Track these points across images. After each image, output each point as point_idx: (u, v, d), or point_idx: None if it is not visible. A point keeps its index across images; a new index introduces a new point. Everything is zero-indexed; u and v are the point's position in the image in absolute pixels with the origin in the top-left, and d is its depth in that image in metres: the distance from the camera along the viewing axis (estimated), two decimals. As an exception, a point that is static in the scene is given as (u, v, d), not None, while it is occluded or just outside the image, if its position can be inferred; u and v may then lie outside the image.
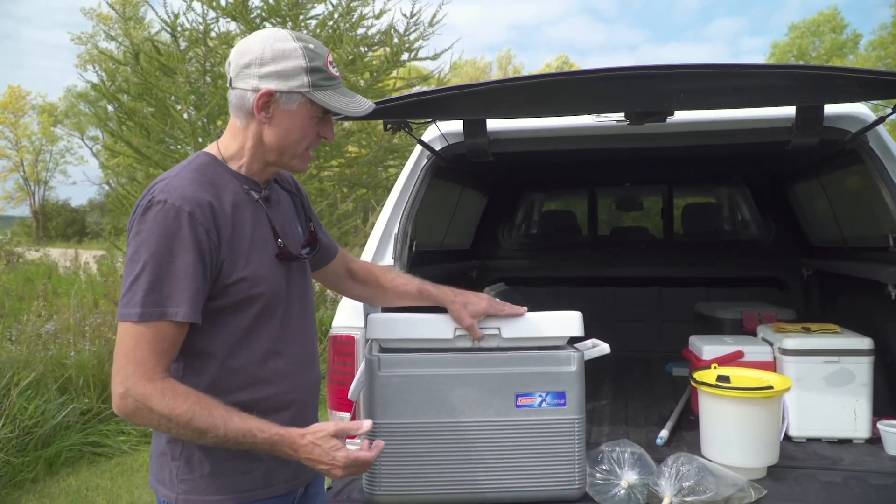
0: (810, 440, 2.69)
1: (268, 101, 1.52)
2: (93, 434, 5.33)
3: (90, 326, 6.07)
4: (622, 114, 2.58)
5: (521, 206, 5.11)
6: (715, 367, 2.51)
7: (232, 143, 1.59)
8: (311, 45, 1.54)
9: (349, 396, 2.16)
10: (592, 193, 5.11)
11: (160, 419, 1.42)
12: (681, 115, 2.72)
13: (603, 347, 2.19)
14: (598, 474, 2.08)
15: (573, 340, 2.15)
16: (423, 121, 2.93)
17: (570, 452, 2.05)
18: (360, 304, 2.60)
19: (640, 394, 3.48)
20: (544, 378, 2.04)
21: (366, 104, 1.61)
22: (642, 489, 2.04)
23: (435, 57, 8.99)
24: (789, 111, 2.63)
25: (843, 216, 3.49)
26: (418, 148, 2.96)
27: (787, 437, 2.70)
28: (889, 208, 2.50)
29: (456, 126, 2.88)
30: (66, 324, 6.17)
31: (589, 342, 2.40)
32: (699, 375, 2.41)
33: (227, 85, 1.58)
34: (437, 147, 2.94)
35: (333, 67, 1.57)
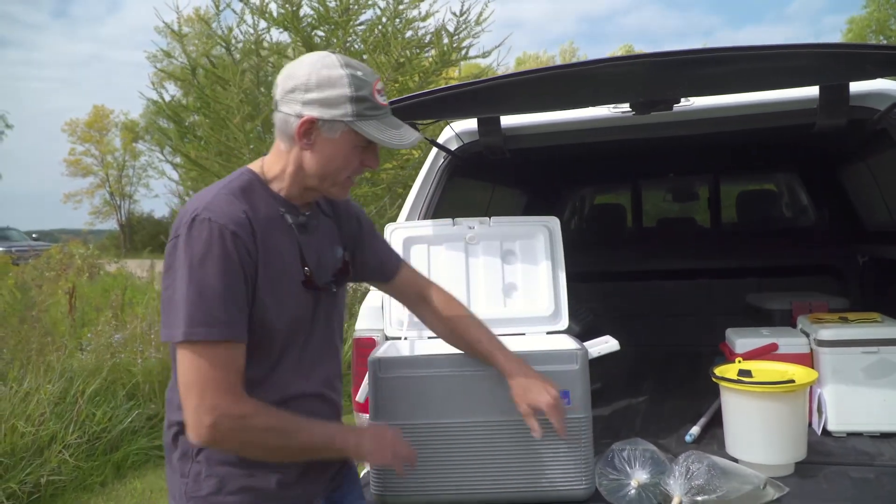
0: (850, 434, 2.57)
1: (310, 128, 1.51)
2: (158, 438, 5.53)
3: (155, 334, 6.32)
4: (627, 104, 2.52)
5: (561, 202, 5.05)
6: (739, 361, 2.42)
7: (275, 165, 1.60)
8: (358, 73, 1.51)
9: (357, 398, 2.18)
10: (636, 186, 5.01)
11: (260, 434, 1.45)
12: (699, 102, 2.64)
13: (612, 344, 2.15)
14: (609, 474, 2.04)
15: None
16: (431, 121, 2.93)
17: (577, 452, 2.02)
18: (379, 308, 2.63)
19: (683, 390, 3.39)
20: (548, 377, 2.01)
21: (412, 136, 1.57)
22: (654, 488, 1.99)
23: (486, 54, 8.98)
24: (814, 91, 2.51)
25: (890, 198, 3.31)
26: (433, 151, 2.96)
27: (825, 432, 2.59)
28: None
29: (471, 124, 2.88)
30: (135, 332, 6.44)
31: (601, 339, 2.37)
32: (720, 370, 2.33)
33: (273, 107, 1.58)
34: (453, 147, 2.93)
35: (381, 96, 1.55)
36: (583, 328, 3.08)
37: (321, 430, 1.56)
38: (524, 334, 2.47)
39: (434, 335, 2.04)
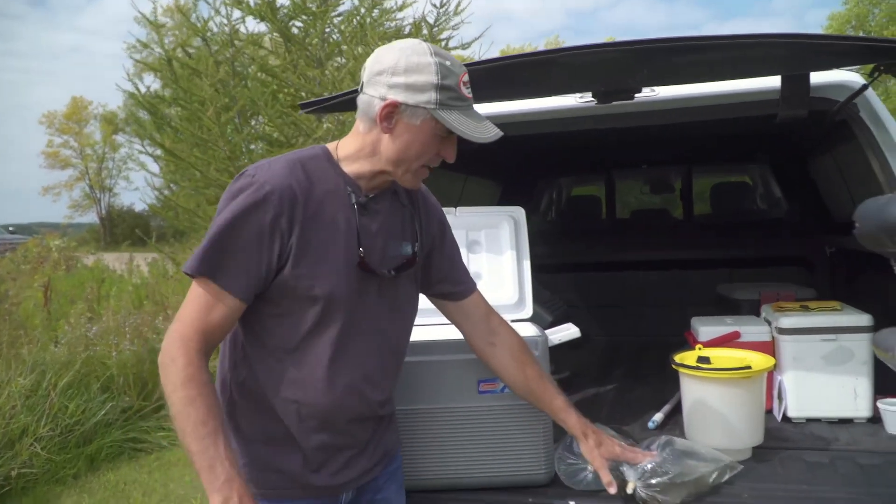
0: (810, 420, 2.61)
1: (392, 111, 1.51)
2: (133, 431, 5.53)
3: (130, 327, 6.29)
4: (590, 94, 2.53)
5: (537, 194, 5.07)
6: (699, 349, 2.45)
7: (350, 145, 1.60)
8: (447, 63, 1.51)
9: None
10: (610, 177, 5.04)
11: (169, 385, 1.44)
12: (664, 93, 2.66)
13: (573, 332, 2.17)
14: (568, 459, 2.06)
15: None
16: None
17: (536, 437, 2.04)
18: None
19: (651, 379, 3.42)
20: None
21: (493, 130, 1.54)
22: (611, 472, 2.01)
23: (465, 46, 8.99)
24: (776, 82, 2.54)
25: (855, 190, 3.36)
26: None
27: (785, 418, 2.63)
28: (880, 182, 2.40)
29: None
30: (110, 325, 6.40)
31: (563, 326, 2.39)
32: (679, 357, 2.36)
33: (359, 89, 1.58)
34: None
35: (467, 88, 1.54)
36: (556, 318, 3.10)
37: (202, 455, 1.39)
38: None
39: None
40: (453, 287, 1.87)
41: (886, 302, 2.83)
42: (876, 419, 2.54)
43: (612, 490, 1.84)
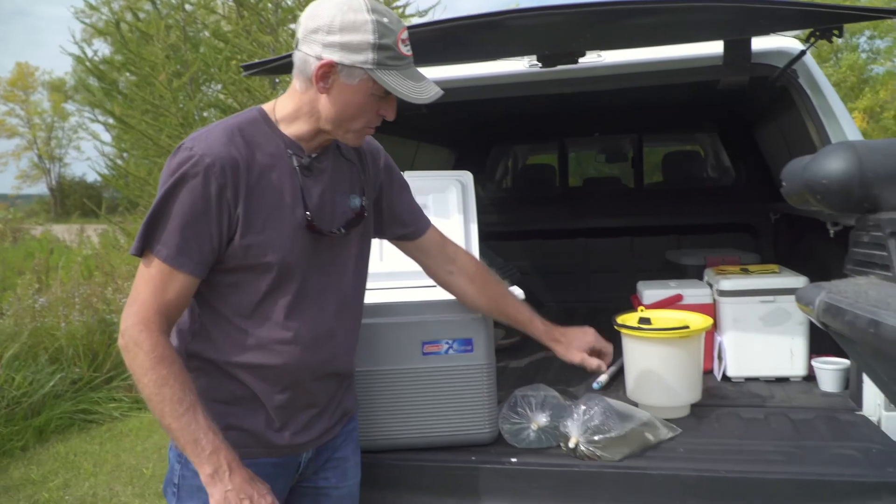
0: (748, 380, 2.69)
1: (328, 71, 1.46)
2: (84, 402, 5.45)
3: (80, 298, 6.17)
4: (535, 57, 2.54)
5: (491, 162, 5.08)
6: (641, 310, 2.50)
7: (288, 104, 1.56)
8: (384, 20, 1.46)
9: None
10: (562, 145, 5.07)
11: (138, 369, 1.42)
12: (610, 58, 2.68)
13: (516, 294, 2.19)
14: (512, 418, 2.10)
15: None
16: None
17: (480, 397, 2.07)
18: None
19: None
20: (450, 325, 2.05)
21: (432, 90, 1.51)
22: (553, 431, 2.06)
23: (422, 14, 8.91)
24: (718, 48, 2.57)
25: (797, 156, 3.44)
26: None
27: (725, 378, 2.71)
28: (815, 146, 2.45)
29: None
30: (57, 296, 6.27)
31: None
32: (622, 318, 2.41)
33: (294, 45, 1.53)
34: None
35: (406, 46, 1.49)
36: (510, 285, 3.12)
37: (184, 432, 1.40)
38: (435, 286, 2.49)
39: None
40: (407, 228, 1.89)
41: (825, 265, 2.91)
42: (811, 377, 2.63)
43: (598, 365, 2.04)
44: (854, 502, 1.74)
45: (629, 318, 2.40)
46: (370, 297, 2.07)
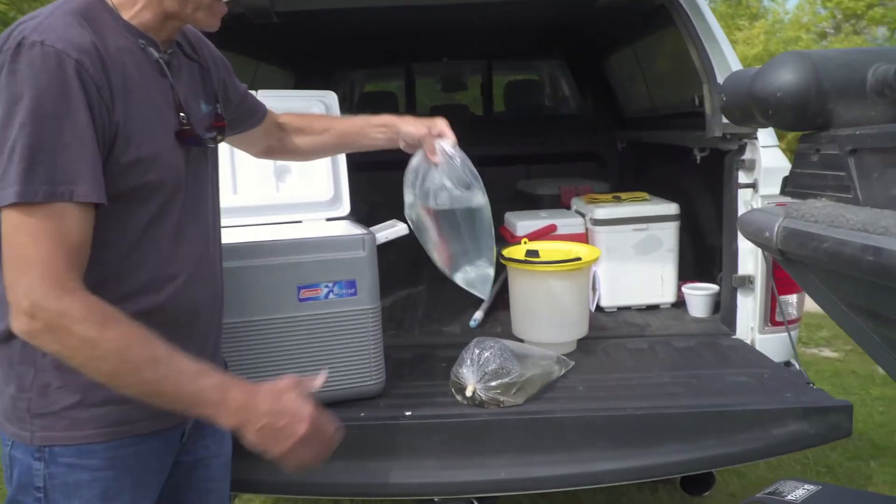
0: (621, 309, 2.66)
1: None
2: None
3: None
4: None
5: (331, 86, 4.71)
6: (525, 242, 2.36)
7: None
8: None
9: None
10: (409, 70, 4.81)
11: (80, 344, 1.07)
12: None
13: (400, 228, 1.96)
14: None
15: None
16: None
17: (366, 346, 1.84)
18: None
19: None
20: (330, 266, 1.79)
21: None
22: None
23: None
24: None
25: (655, 84, 3.43)
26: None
27: (598, 308, 2.66)
28: (696, 67, 2.39)
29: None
30: None
31: (388, 223, 2.18)
32: (508, 252, 2.25)
33: None
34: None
35: None
36: (358, 219, 2.88)
37: (183, 390, 1.12)
38: (301, 222, 2.20)
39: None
40: (255, 116, 1.60)
41: (673, 190, 2.92)
42: (679, 304, 2.65)
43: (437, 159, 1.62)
44: (759, 430, 1.72)
45: (515, 251, 2.24)
46: (230, 237, 1.74)
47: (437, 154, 1.57)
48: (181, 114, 1.22)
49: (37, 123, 1.04)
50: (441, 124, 1.62)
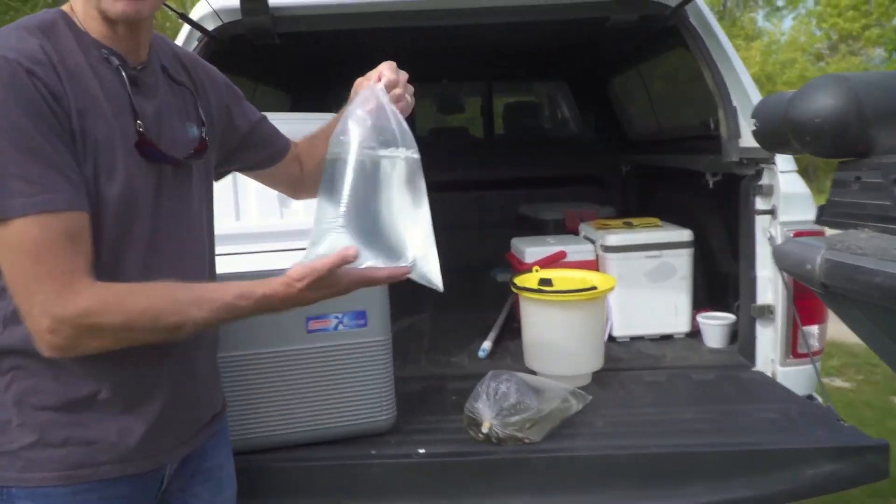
0: (634, 339, 2.59)
1: None
2: None
3: None
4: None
5: (329, 108, 4.66)
6: (536, 270, 2.29)
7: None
8: None
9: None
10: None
11: (116, 333, 1.07)
12: None
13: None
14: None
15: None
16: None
17: (376, 380, 1.76)
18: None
19: (464, 304, 3.26)
20: (340, 296, 1.71)
21: None
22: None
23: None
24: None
25: (663, 106, 3.39)
26: (185, 30, 2.44)
27: (611, 338, 2.58)
28: (710, 89, 2.34)
29: (233, 1, 2.38)
30: None
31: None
32: (520, 280, 2.18)
33: None
34: (210, 27, 2.43)
35: None
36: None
37: (220, 304, 1.12)
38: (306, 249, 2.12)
39: None
40: (271, 148, 1.49)
41: (681, 215, 2.86)
42: (694, 333, 2.58)
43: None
44: (791, 471, 1.64)
45: (527, 280, 2.17)
46: (231, 265, 1.67)
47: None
48: (138, 121, 1.15)
49: (13, 136, 1.00)
50: (382, 66, 1.36)
